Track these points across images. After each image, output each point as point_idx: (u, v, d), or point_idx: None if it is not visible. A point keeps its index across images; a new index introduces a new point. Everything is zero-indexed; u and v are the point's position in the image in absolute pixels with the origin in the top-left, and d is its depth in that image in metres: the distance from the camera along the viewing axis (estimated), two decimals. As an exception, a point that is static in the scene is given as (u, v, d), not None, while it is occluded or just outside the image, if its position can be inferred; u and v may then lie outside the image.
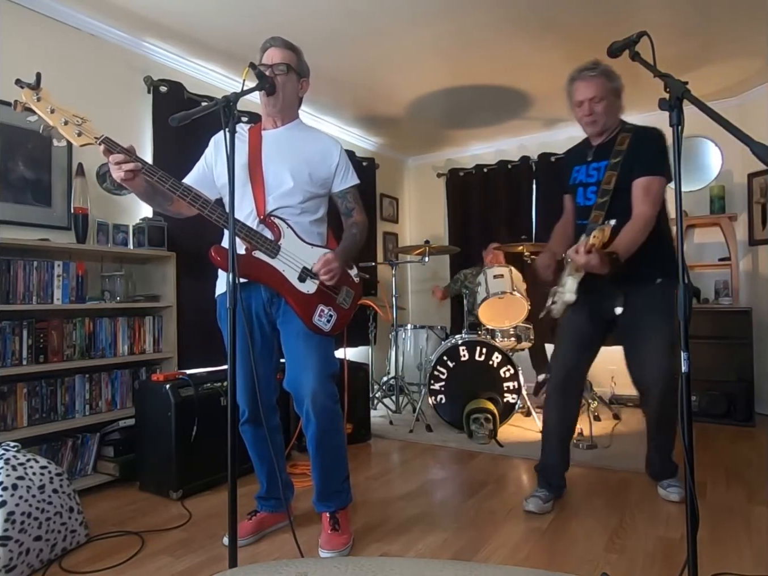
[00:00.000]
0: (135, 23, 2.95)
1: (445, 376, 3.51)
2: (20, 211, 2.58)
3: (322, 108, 4.31)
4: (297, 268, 1.92)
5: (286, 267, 1.90)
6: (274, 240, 1.88)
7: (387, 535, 2.03)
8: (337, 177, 2.05)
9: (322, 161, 2.01)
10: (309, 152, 2.00)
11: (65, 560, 1.84)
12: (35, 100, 1.66)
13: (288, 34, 3.08)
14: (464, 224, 5.32)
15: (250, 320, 1.92)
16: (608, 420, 3.73)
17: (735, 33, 3.18)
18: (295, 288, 1.91)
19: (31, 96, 1.66)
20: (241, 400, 1.98)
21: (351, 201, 2.10)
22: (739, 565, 1.73)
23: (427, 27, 3.07)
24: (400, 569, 0.83)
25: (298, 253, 1.93)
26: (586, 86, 2.16)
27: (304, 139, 2.02)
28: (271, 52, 1.90)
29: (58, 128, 1.67)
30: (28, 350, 2.38)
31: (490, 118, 4.56)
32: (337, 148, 2.05)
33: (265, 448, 2.03)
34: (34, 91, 1.67)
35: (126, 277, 2.85)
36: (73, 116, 1.69)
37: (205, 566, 1.80)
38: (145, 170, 1.71)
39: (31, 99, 1.66)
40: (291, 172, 1.94)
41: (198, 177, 1.98)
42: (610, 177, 2.17)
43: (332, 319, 1.96)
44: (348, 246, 2.02)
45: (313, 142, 2.03)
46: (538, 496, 2.25)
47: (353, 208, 2.10)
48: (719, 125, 1.20)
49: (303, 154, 1.98)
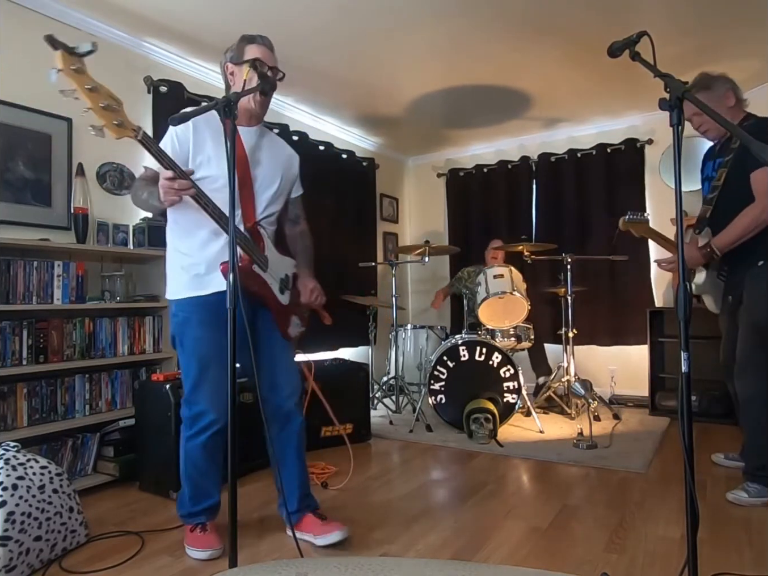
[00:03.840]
0: (135, 23, 2.95)
1: (445, 376, 3.51)
2: (20, 211, 2.58)
3: (321, 108, 4.31)
4: (277, 280, 1.94)
5: (271, 279, 1.92)
6: (261, 251, 1.88)
7: (387, 535, 2.03)
8: (296, 184, 2.11)
9: (290, 168, 2.06)
10: (283, 158, 2.03)
11: (65, 560, 1.84)
12: (72, 71, 1.34)
13: (288, 33, 3.11)
14: (464, 224, 5.32)
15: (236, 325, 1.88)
16: (608, 420, 3.73)
17: (735, 33, 3.18)
18: (277, 299, 1.93)
19: (69, 63, 1.33)
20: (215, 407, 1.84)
21: (299, 208, 2.17)
22: (739, 565, 1.73)
23: (427, 27, 3.07)
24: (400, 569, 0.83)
25: (276, 263, 1.96)
26: (687, 104, 2.33)
27: (278, 146, 2.04)
28: (263, 51, 1.87)
29: (97, 113, 1.38)
30: (28, 350, 2.38)
31: (490, 118, 4.56)
32: (297, 157, 2.12)
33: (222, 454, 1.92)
34: (72, 57, 1.33)
35: (126, 277, 2.85)
36: (110, 98, 1.41)
37: (205, 566, 1.80)
38: (198, 194, 1.63)
39: (68, 67, 1.33)
40: (276, 179, 1.96)
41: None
42: (721, 174, 2.31)
43: (298, 327, 2.03)
44: (309, 260, 2.15)
45: (283, 149, 2.07)
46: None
47: (300, 215, 2.17)
48: (719, 125, 1.20)
49: (280, 160, 2.01)
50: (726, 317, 2.51)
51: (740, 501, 2.25)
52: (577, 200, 4.72)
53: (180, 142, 1.80)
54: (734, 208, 2.21)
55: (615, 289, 4.53)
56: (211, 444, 1.88)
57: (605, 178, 4.60)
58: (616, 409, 3.92)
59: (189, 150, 1.80)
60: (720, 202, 2.29)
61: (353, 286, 4.54)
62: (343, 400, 3.24)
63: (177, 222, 1.88)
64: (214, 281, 1.81)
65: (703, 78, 2.38)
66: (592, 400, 3.52)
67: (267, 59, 1.86)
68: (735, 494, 2.27)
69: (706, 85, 2.35)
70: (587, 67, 3.59)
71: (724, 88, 2.36)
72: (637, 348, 4.36)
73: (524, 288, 3.70)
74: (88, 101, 1.38)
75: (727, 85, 2.37)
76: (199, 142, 1.81)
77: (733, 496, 2.27)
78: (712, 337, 3.92)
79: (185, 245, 1.86)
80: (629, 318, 4.43)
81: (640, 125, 4.55)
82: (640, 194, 4.50)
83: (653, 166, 4.48)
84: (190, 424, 1.90)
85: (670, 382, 4.11)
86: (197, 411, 1.87)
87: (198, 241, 1.83)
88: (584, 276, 4.35)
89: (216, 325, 1.76)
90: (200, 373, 1.85)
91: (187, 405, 1.91)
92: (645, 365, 4.08)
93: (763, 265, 2.24)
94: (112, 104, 1.42)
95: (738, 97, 2.38)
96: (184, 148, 1.80)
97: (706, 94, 2.31)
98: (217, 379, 1.80)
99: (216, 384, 1.81)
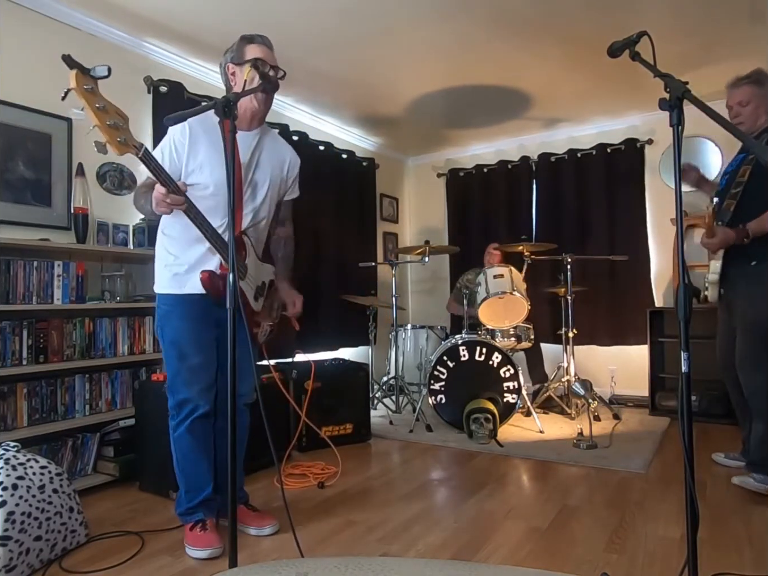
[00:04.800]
0: (135, 23, 2.95)
1: (445, 376, 3.51)
2: (20, 211, 2.58)
3: (321, 108, 4.31)
4: (253, 287, 1.96)
5: (247, 287, 1.93)
6: (241, 260, 1.89)
7: (387, 535, 2.03)
8: (291, 188, 2.11)
9: (288, 173, 2.07)
10: (280, 164, 2.03)
11: (65, 560, 1.84)
12: (84, 90, 1.39)
13: (288, 33, 3.11)
14: (464, 224, 5.32)
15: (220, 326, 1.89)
16: (608, 420, 3.73)
17: (735, 33, 3.18)
18: (250, 306, 1.95)
19: (82, 83, 1.38)
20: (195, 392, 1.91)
21: (289, 210, 2.17)
22: (739, 565, 1.73)
23: (427, 27, 3.07)
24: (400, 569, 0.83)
25: (255, 271, 1.97)
26: (732, 93, 2.50)
27: (276, 150, 2.04)
28: (264, 50, 1.88)
29: (103, 130, 1.42)
30: (28, 350, 2.38)
31: (490, 118, 4.56)
32: (298, 160, 2.12)
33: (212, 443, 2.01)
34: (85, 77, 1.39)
35: (126, 277, 2.85)
36: (117, 115, 1.46)
37: (205, 566, 1.80)
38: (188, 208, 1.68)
39: (81, 87, 1.38)
40: (269, 188, 1.96)
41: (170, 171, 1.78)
42: (745, 170, 2.39)
43: (267, 333, 2.06)
44: (289, 268, 2.16)
45: (281, 153, 2.06)
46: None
47: (287, 217, 2.18)
48: (719, 125, 1.20)
49: (277, 166, 2.01)
50: (721, 310, 2.62)
51: (746, 485, 2.31)
52: (577, 200, 4.72)
53: (177, 150, 1.84)
54: (758, 205, 2.29)
55: (615, 289, 4.53)
56: (197, 429, 1.94)
57: (605, 178, 4.60)
58: (616, 409, 3.92)
59: (183, 156, 1.84)
60: (744, 198, 2.37)
61: (353, 286, 4.54)
62: (343, 400, 3.24)
63: (167, 222, 1.93)
64: (190, 282, 1.87)
65: (759, 73, 2.48)
66: (592, 400, 3.52)
67: (268, 58, 1.87)
68: (741, 479, 2.34)
69: (758, 81, 2.45)
70: (587, 67, 3.59)
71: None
72: (637, 348, 4.36)
73: (524, 288, 3.70)
74: (96, 120, 1.42)
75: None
76: (194, 148, 1.84)
77: (740, 480, 2.35)
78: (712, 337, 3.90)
79: (172, 245, 1.92)
80: (629, 318, 4.42)
81: (640, 125, 4.55)
82: (640, 194, 4.50)
83: (653, 166, 4.48)
84: (175, 413, 1.96)
85: (670, 382, 4.11)
86: (180, 399, 1.93)
87: (183, 243, 1.90)
88: (584, 276, 4.36)
89: (194, 318, 1.89)
90: (179, 361, 1.91)
91: (170, 393, 1.96)
92: (645, 365, 4.08)
93: (756, 266, 2.33)
94: (118, 122, 1.46)
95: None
96: (181, 154, 1.84)
97: (755, 88, 2.42)
98: (195, 367, 1.90)
99: (195, 371, 1.91)
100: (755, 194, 2.34)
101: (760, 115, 2.45)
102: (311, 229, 4.25)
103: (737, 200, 2.39)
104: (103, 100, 1.44)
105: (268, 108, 1.93)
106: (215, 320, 1.91)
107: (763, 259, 2.32)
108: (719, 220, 2.41)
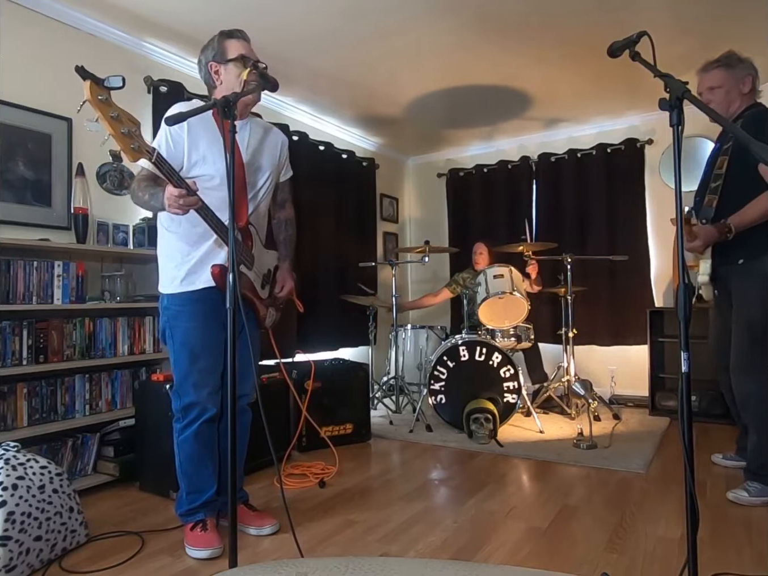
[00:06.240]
0: (135, 23, 2.95)
1: (445, 376, 3.51)
2: (20, 211, 2.58)
3: (322, 108, 4.31)
4: (260, 276, 1.96)
5: (255, 276, 1.93)
6: (248, 250, 1.89)
7: (387, 535, 2.03)
8: (285, 168, 2.10)
9: (281, 155, 2.06)
10: (273, 148, 2.02)
11: (65, 560, 1.84)
12: (99, 100, 1.39)
13: (288, 34, 3.11)
14: (464, 224, 5.32)
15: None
16: (608, 420, 3.74)
17: (735, 33, 3.17)
18: (258, 294, 1.95)
19: (96, 93, 1.38)
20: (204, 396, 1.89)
21: (287, 192, 2.15)
22: (739, 565, 1.73)
23: (426, 27, 3.07)
24: (400, 569, 0.82)
25: (261, 259, 1.97)
26: (703, 78, 2.39)
27: (267, 133, 2.03)
28: (246, 46, 1.88)
29: (117, 140, 1.43)
30: (28, 350, 2.37)
31: (490, 118, 4.56)
32: (286, 140, 2.11)
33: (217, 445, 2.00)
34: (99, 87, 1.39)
35: (126, 277, 2.85)
36: (130, 122, 1.46)
37: (205, 566, 1.80)
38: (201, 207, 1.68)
39: (95, 98, 1.38)
40: (268, 175, 1.96)
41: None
42: (722, 161, 2.29)
43: (273, 318, 2.06)
44: (291, 250, 2.15)
45: (273, 136, 2.05)
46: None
47: (287, 199, 2.15)
48: (719, 125, 1.20)
49: (271, 151, 2.00)
50: (714, 310, 2.59)
51: (740, 500, 2.24)
52: (577, 200, 4.72)
53: (174, 142, 1.81)
54: (741, 197, 2.20)
55: (615, 289, 4.53)
56: (203, 432, 1.92)
57: (605, 178, 4.60)
58: (616, 409, 3.92)
59: (183, 149, 1.82)
60: (725, 191, 2.27)
61: (353, 286, 4.54)
62: (343, 400, 3.24)
63: (173, 219, 1.88)
64: (202, 277, 1.86)
65: (729, 56, 2.37)
66: (592, 400, 3.52)
67: (251, 54, 1.88)
68: (735, 493, 2.27)
69: (729, 64, 2.35)
70: (587, 67, 3.59)
71: (744, 72, 2.36)
72: (637, 348, 4.36)
73: (524, 288, 3.69)
74: (111, 129, 1.43)
75: (749, 71, 2.36)
76: (194, 140, 1.83)
77: (734, 495, 2.27)
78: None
79: (180, 241, 1.90)
80: (629, 318, 4.42)
81: (640, 125, 4.55)
82: (640, 194, 4.50)
83: (653, 166, 4.48)
84: (181, 416, 1.93)
85: (670, 382, 4.11)
86: (187, 402, 1.90)
87: (192, 239, 1.87)
88: (584, 276, 4.36)
89: (206, 317, 1.87)
90: (190, 363, 1.89)
91: (177, 396, 1.94)
92: (645, 365, 4.08)
93: (744, 264, 2.26)
94: (132, 129, 1.47)
95: (754, 86, 2.38)
96: (178, 147, 1.82)
97: (725, 71, 2.33)
98: (205, 370, 1.88)
99: (205, 374, 1.88)
100: (736, 186, 2.23)
101: (732, 101, 2.34)
102: (311, 229, 4.25)
103: (718, 195, 2.28)
104: (117, 109, 1.44)
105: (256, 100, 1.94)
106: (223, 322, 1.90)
107: (750, 256, 2.23)
108: (702, 219, 2.29)
